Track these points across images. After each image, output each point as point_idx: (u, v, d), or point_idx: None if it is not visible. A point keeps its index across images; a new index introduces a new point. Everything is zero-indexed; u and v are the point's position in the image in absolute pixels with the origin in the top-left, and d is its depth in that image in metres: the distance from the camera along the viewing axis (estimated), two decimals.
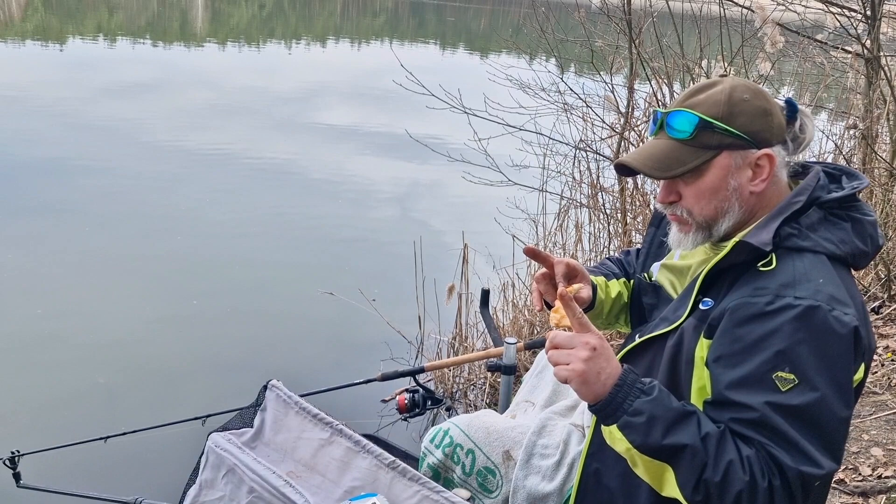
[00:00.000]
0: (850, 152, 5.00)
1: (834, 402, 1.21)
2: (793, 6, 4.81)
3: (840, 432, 1.23)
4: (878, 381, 3.36)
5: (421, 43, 23.11)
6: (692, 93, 1.41)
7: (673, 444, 1.22)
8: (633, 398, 1.25)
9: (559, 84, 4.69)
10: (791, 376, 1.20)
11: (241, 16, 27.45)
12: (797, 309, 1.22)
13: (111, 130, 8.70)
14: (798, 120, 1.41)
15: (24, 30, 17.35)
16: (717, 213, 1.39)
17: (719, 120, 1.35)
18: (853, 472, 2.72)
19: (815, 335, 1.22)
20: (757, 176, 1.37)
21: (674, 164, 1.38)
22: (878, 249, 1.39)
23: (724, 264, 1.34)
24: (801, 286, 1.25)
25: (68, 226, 5.78)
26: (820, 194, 1.36)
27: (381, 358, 4.04)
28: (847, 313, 1.24)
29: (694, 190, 1.39)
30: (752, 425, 1.22)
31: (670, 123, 1.39)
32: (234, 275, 5.27)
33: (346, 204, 7.04)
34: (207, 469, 1.67)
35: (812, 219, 1.34)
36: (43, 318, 4.37)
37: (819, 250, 1.30)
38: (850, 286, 1.32)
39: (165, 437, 2.55)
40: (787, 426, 1.19)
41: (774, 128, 1.38)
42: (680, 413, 1.24)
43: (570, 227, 4.68)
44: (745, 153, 1.36)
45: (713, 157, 1.36)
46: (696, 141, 1.37)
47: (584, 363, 1.26)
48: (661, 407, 1.24)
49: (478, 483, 1.78)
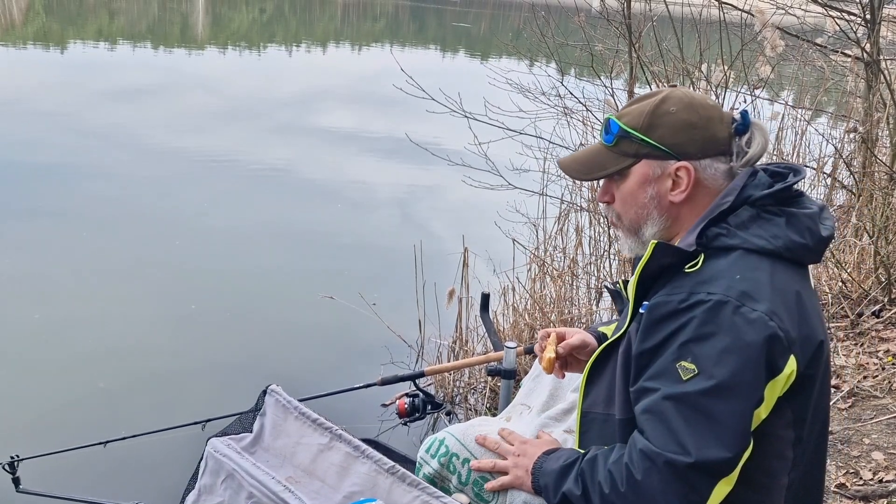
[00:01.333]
0: (850, 156, 5.00)
1: (729, 394, 1.23)
2: (792, 10, 4.82)
3: (734, 424, 1.23)
4: (878, 384, 3.35)
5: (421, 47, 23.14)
6: (633, 101, 1.48)
7: (561, 494, 1.40)
8: (539, 478, 1.50)
9: (559, 88, 4.69)
10: (692, 366, 1.24)
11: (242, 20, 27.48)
12: (707, 304, 1.26)
13: (111, 135, 8.71)
14: (748, 133, 1.42)
15: (25, 34, 17.38)
16: (639, 219, 1.46)
17: (637, 130, 1.42)
18: (854, 477, 2.71)
19: (720, 329, 1.24)
20: (676, 187, 1.41)
21: (595, 168, 1.48)
22: (822, 241, 1.37)
23: (651, 267, 1.37)
24: (716, 282, 1.28)
25: (68, 230, 5.78)
26: (752, 193, 1.37)
27: (381, 362, 4.04)
28: (755, 309, 1.24)
29: (619, 194, 1.47)
30: (646, 414, 1.28)
31: (604, 128, 1.48)
32: (234, 279, 5.26)
33: (346, 208, 7.04)
34: (206, 474, 1.66)
35: (742, 217, 1.35)
36: (42, 323, 4.37)
37: (748, 247, 1.31)
38: (786, 280, 1.31)
39: (165, 441, 2.54)
40: (673, 415, 1.24)
41: (699, 141, 1.40)
42: (561, 469, 1.43)
43: (570, 230, 4.68)
44: (663, 163, 1.41)
45: (631, 165, 1.43)
46: (617, 148, 1.45)
47: (515, 459, 1.58)
48: (547, 475, 1.45)
49: (474, 493, 1.77)
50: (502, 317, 4.28)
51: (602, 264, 4.57)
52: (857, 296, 4.08)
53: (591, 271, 4.61)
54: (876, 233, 4.03)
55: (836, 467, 2.76)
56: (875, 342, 3.72)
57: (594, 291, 4.57)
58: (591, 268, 4.61)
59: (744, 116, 1.42)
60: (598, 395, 1.48)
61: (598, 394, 1.48)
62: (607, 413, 1.44)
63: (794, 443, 1.34)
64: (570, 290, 4.46)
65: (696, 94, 1.45)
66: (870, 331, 3.80)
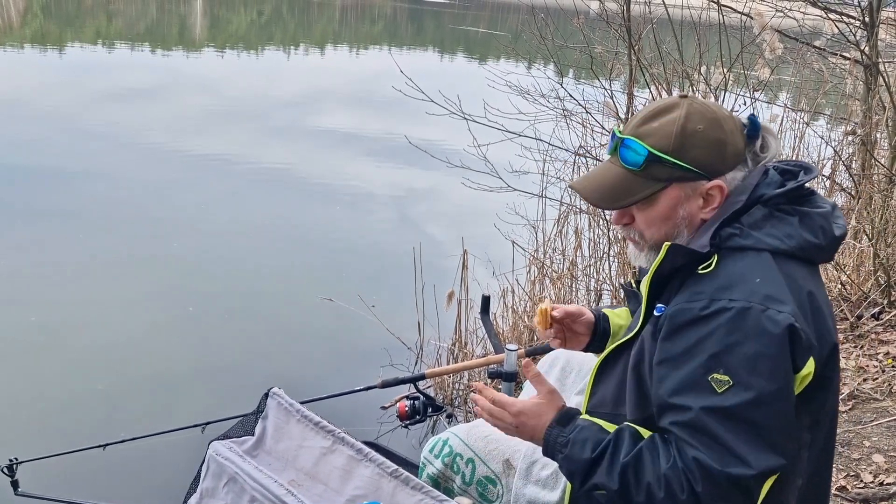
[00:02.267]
0: (850, 158, 5.00)
1: (771, 400, 1.21)
2: (791, 13, 4.83)
3: (781, 429, 1.22)
4: (878, 387, 3.35)
5: (420, 49, 23.14)
6: (647, 117, 1.40)
7: (593, 485, 1.31)
8: (557, 456, 1.38)
9: (558, 90, 4.68)
10: (726, 378, 1.21)
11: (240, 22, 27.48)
12: (731, 311, 1.23)
13: (109, 136, 8.69)
14: (759, 138, 1.40)
15: (23, 36, 17.36)
16: (668, 238, 1.40)
17: (669, 154, 1.35)
18: (855, 479, 2.71)
19: (748, 336, 1.22)
20: (708, 205, 1.38)
21: (622, 195, 1.40)
22: (835, 240, 1.37)
23: (664, 269, 1.35)
24: (737, 288, 1.26)
25: (66, 231, 5.76)
26: (764, 192, 1.35)
27: (380, 364, 4.03)
28: (781, 311, 1.23)
29: (644, 216, 1.41)
30: (687, 428, 1.24)
31: (623, 151, 1.39)
32: (233, 281, 5.25)
33: (345, 210, 7.04)
34: (208, 477, 1.66)
35: (755, 217, 1.33)
36: (41, 324, 4.36)
37: (761, 247, 1.30)
38: (800, 281, 1.30)
39: (165, 444, 2.54)
40: (719, 428, 1.21)
41: (728, 157, 1.37)
42: (591, 461, 1.32)
43: (569, 232, 4.68)
44: (695, 184, 1.37)
45: (662, 189, 1.37)
46: (645, 172, 1.37)
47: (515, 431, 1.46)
48: (574, 463, 1.34)
49: (478, 493, 1.77)
50: (502, 319, 4.28)
51: (601, 266, 4.57)
52: (856, 298, 4.08)
53: (591, 273, 4.61)
54: (875, 235, 4.03)
55: (837, 470, 2.76)
56: (875, 345, 3.72)
57: (594, 293, 4.56)
58: (590, 270, 4.61)
59: (753, 122, 1.39)
60: (605, 395, 1.47)
61: (605, 394, 1.47)
62: (615, 413, 1.43)
63: (809, 445, 1.34)
64: (569, 292, 4.46)
65: (711, 105, 1.41)
66: (869, 333, 3.80)
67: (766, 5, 4.68)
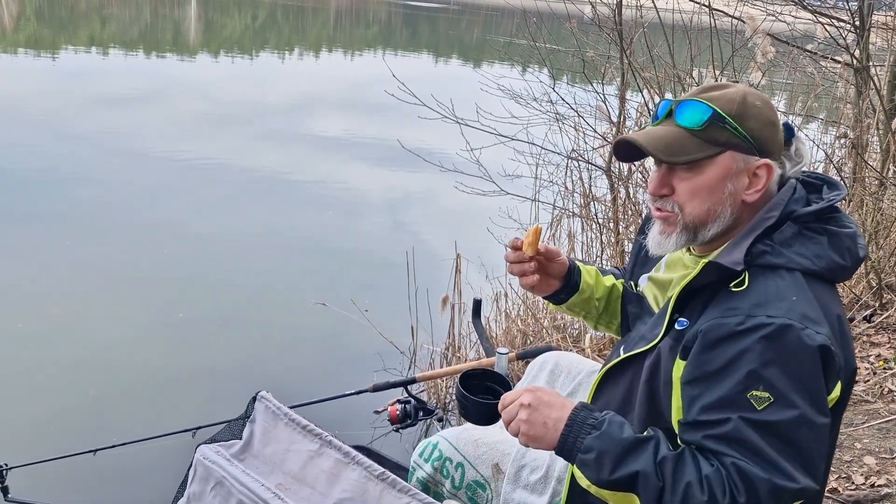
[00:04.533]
0: (841, 161, 5.02)
1: (811, 419, 1.19)
2: (783, 17, 4.85)
3: (819, 450, 1.20)
4: (870, 389, 3.36)
5: (413, 53, 23.17)
6: (706, 89, 1.38)
7: (625, 474, 1.23)
8: (584, 436, 1.28)
9: (551, 94, 4.70)
10: (766, 395, 1.18)
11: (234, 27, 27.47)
12: (769, 328, 1.20)
13: (102, 141, 8.68)
14: (794, 144, 1.40)
15: (16, 41, 17.32)
16: (708, 216, 1.35)
17: (732, 117, 1.32)
18: (846, 481, 2.71)
19: (787, 354, 1.19)
20: (752, 185, 1.34)
21: (678, 151, 1.33)
22: (858, 262, 1.36)
23: (695, 284, 1.31)
24: (774, 305, 1.22)
25: (56, 236, 5.74)
26: (794, 208, 1.33)
27: (373, 369, 4.02)
28: (819, 332, 1.21)
29: (690, 185, 1.35)
30: (724, 440, 1.19)
31: (681, 112, 1.35)
32: (224, 286, 5.24)
33: (338, 214, 7.03)
34: (196, 482, 1.65)
35: (786, 234, 1.31)
36: (31, 330, 4.34)
37: (793, 267, 1.28)
38: (828, 303, 1.29)
39: (155, 449, 2.53)
40: (761, 441, 1.17)
41: (778, 141, 1.36)
42: (631, 443, 1.25)
43: (562, 236, 4.68)
44: (747, 158, 1.33)
45: (717, 154, 1.33)
46: (704, 133, 1.33)
47: (524, 423, 1.33)
48: (610, 440, 1.26)
49: (468, 497, 1.77)
50: (495, 323, 4.28)
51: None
52: (848, 301, 4.09)
53: None
54: (866, 238, 4.04)
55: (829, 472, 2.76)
56: (866, 347, 3.73)
57: None
58: None
59: (787, 126, 1.39)
60: (608, 404, 1.43)
61: (609, 402, 1.43)
62: None
63: None
64: None
65: (761, 93, 1.41)
66: (861, 336, 3.81)
67: (757, 9, 4.71)
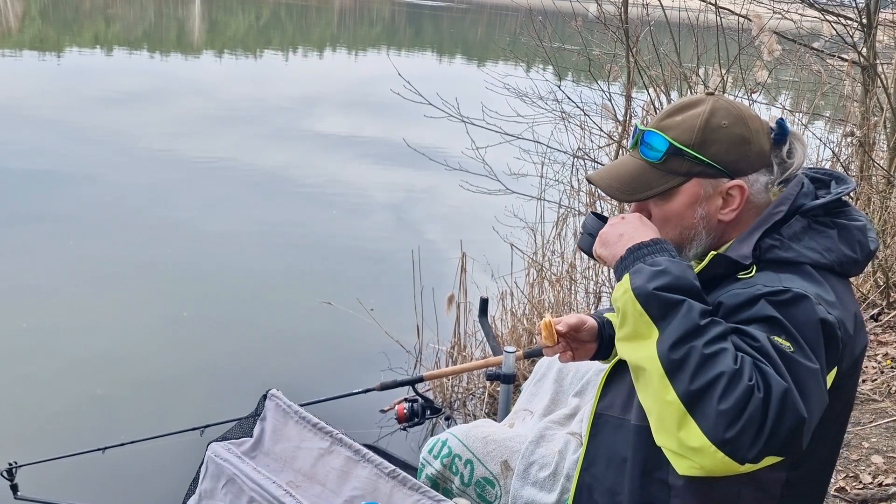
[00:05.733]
0: (848, 160, 5.01)
1: (823, 382, 1.18)
2: (789, 15, 4.84)
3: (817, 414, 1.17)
4: (877, 388, 3.35)
5: (418, 52, 23.17)
6: (672, 111, 1.38)
7: (672, 298, 1.17)
8: (661, 255, 1.25)
9: (557, 93, 4.69)
10: (787, 344, 1.16)
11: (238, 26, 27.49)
12: (787, 294, 1.19)
13: (106, 140, 8.70)
14: (787, 144, 1.37)
15: (21, 40, 17.36)
16: (683, 239, 1.36)
17: (690, 147, 1.32)
18: (854, 480, 2.71)
19: (805, 319, 1.18)
20: (727, 205, 1.34)
21: (640, 187, 1.35)
22: (869, 255, 1.35)
23: (702, 277, 1.30)
24: (789, 280, 1.23)
25: (63, 235, 5.76)
26: (803, 202, 1.33)
27: (379, 368, 4.03)
28: (831, 312, 1.21)
29: (660, 213, 1.36)
30: (750, 347, 1.15)
31: (644, 143, 1.37)
32: (232, 284, 5.26)
33: (343, 213, 7.04)
34: (207, 479, 1.66)
35: (794, 228, 1.31)
36: (40, 328, 4.35)
37: (802, 261, 1.27)
38: (842, 294, 1.29)
39: (164, 447, 2.53)
40: (783, 366, 1.13)
41: (752, 156, 1.34)
42: (695, 288, 1.20)
43: (568, 235, 4.68)
44: (715, 182, 1.33)
45: (681, 184, 1.33)
46: (664, 166, 1.34)
47: (609, 227, 1.35)
48: (682, 271, 1.21)
49: (476, 494, 1.77)
50: (500, 322, 4.28)
51: (600, 269, 4.56)
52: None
53: (590, 276, 4.61)
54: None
55: (836, 471, 2.76)
56: (874, 346, 3.73)
57: (592, 296, 4.57)
58: (589, 272, 4.61)
59: (781, 126, 1.37)
60: (615, 399, 1.42)
61: (615, 397, 1.42)
62: (622, 418, 1.38)
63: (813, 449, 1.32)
64: (568, 294, 4.46)
65: (738, 104, 1.38)
66: (868, 334, 3.80)
67: (763, 7, 4.70)
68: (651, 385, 1.16)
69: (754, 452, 1.09)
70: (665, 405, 1.13)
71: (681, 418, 1.12)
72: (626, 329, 1.22)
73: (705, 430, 1.10)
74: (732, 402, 1.08)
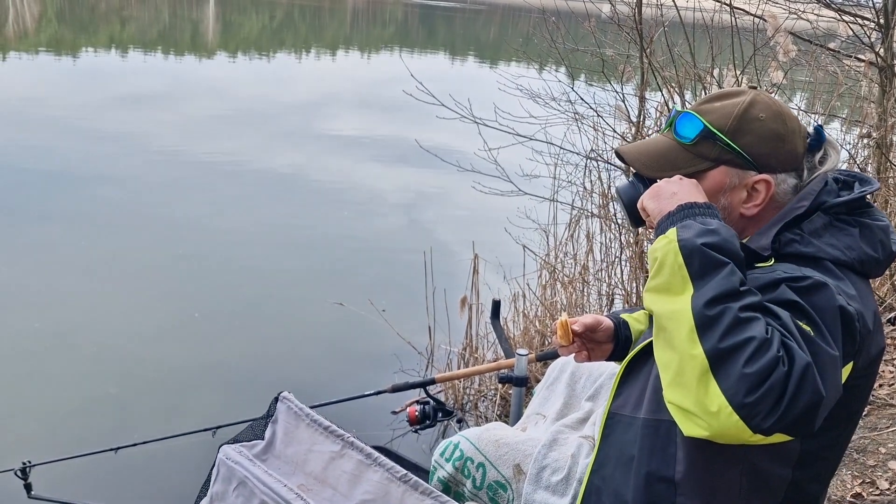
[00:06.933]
0: (864, 161, 4.96)
1: (839, 368, 1.15)
2: (805, 15, 4.80)
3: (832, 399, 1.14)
4: (894, 393, 3.32)
5: (430, 52, 23.18)
6: (712, 97, 1.38)
7: (717, 258, 1.14)
8: (713, 217, 1.22)
9: (570, 93, 4.67)
10: (808, 328, 1.14)
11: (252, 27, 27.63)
12: (810, 280, 1.18)
13: (119, 140, 8.75)
14: (822, 150, 1.36)
15: (37, 42, 17.52)
16: None
17: (724, 133, 1.32)
18: (871, 487, 2.68)
19: (825, 304, 1.17)
20: (751, 199, 1.33)
21: (666, 165, 1.35)
22: (891, 256, 1.34)
23: None
24: (810, 272, 1.21)
25: (76, 235, 5.80)
26: (826, 199, 1.31)
27: (391, 369, 4.03)
28: (851, 304, 1.19)
29: None
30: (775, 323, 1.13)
31: (678, 124, 1.37)
32: (244, 285, 5.27)
33: (355, 214, 7.05)
34: (218, 481, 1.65)
35: (816, 224, 1.30)
36: (52, 328, 4.38)
37: (822, 256, 1.26)
38: (863, 292, 1.27)
39: (176, 448, 2.55)
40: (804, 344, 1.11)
41: (783, 155, 1.33)
42: (741, 256, 1.18)
43: (581, 237, 4.65)
44: (743, 173, 1.33)
45: (708, 169, 1.33)
46: (695, 148, 1.34)
47: (665, 182, 1.31)
48: (731, 236, 1.18)
49: (488, 497, 1.76)
50: (513, 324, 4.26)
51: (613, 271, 4.54)
52: None
53: (603, 278, 4.59)
54: None
55: (853, 477, 2.73)
56: (890, 350, 3.69)
57: (605, 298, 4.54)
58: (602, 274, 4.59)
59: (818, 132, 1.36)
60: (629, 397, 1.41)
61: (629, 396, 1.41)
62: (633, 416, 1.38)
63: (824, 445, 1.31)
64: (580, 296, 4.44)
65: (779, 102, 1.37)
66: (885, 338, 3.76)
67: (779, 7, 4.66)
68: (676, 338, 1.14)
69: (769, 422, 1.07)
70: (689, 359, 1.11)
71: (702, 374, 1.09)
72: (660, 280, 1.20)
73: (724, 390, 1.07)
74: (757, 367, 1.06)
